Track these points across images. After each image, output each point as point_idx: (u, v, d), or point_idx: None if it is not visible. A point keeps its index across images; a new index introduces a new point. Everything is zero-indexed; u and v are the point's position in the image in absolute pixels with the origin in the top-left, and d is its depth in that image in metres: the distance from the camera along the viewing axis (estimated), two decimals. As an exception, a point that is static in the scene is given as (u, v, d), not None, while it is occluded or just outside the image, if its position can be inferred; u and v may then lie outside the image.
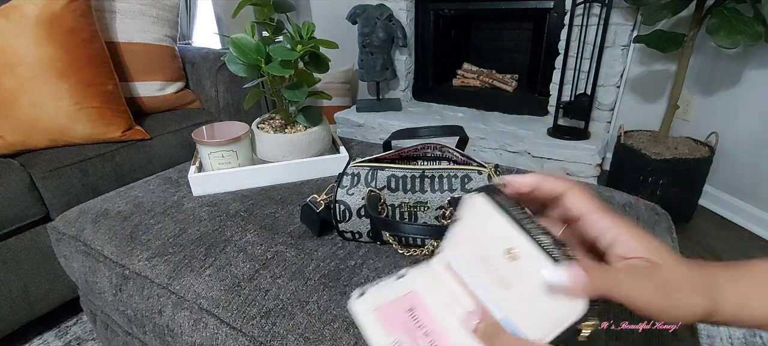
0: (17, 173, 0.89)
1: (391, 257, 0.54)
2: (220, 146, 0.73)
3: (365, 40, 1.79)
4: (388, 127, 1.78)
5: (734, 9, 1.09)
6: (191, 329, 0.48)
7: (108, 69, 1.08)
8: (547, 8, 1.58)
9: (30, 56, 0.93)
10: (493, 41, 2.05)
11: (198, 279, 0.52)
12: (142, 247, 0.59)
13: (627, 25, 1.43)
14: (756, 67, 1.28)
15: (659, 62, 1.49)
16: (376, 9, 1.77)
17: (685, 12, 1.22)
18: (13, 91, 0.93)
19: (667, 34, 1.24)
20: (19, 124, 0.95)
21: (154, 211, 0.67)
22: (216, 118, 1.36)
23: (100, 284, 0.61)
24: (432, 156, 0.62)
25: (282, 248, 0.56)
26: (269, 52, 0.70)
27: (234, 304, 0.48)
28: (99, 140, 1.05)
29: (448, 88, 1.99)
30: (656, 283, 0.23)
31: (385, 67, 1.85)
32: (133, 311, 0.56)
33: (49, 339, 1.01)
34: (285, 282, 0.50)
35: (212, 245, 0.58)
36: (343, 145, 0.84)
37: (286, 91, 0.72)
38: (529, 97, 1.77)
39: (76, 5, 1.00)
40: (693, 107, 1.47)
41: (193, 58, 1.40)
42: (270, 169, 0.75)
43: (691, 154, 1.28)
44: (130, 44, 1.23)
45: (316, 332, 0.43)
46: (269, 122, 0.82)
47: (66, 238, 0.68)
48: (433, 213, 0.53)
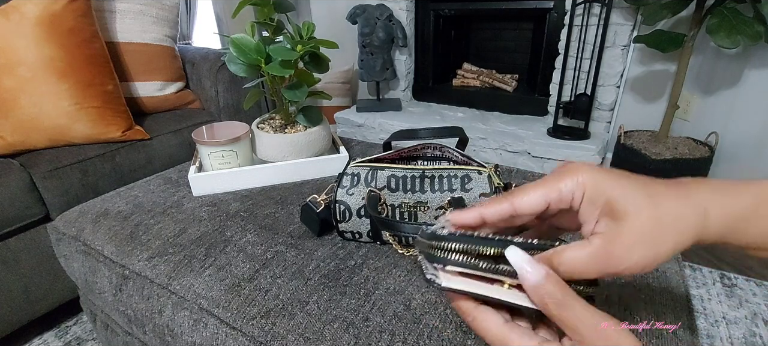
0: (17, 172, 0.89)
1: (391, 257, 0.54)
2: (220, 146, 0.73)
3: (365, 40, 1.79)
4: (388, 127, 1.78)
5: (734, 9, 1.09)
6: (191, 329, 0.48)
7: (108, 69, 1.08)
8: (547, 8, 1.58)
9: (30, 56, 0.93)
10: (493, 41, 2.05)
11: (198, 279, 0.52)
12: (142, 247, 0.59)
13: (627, 25, 1.43)
14: (756, 67, 1.28)
15: (659, 62, 1.49)
16: (376, 9, 1.77)
17: (685, 12, 1.22)
18: (13, 91, 0.93)
19: (667, 34, 1.24)
20: (19, 124, 0.95)
21: (154, 211, 0.67)
22: (216, 118, 1.36)
23: (100, 284, 0.61)
24: (432, 156, 0.62)
25: (282, 248, 0.56)
26: (269, 52, 0.70)
27: (234, 304, 0.48)
28: (99, 140, 1.05)
29: (448, 88, 1.99)
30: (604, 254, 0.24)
31: (385, 67, 1.85)
32: (133, 311, 0.56)
33: (49, 339, 1.01)
34: (285, 282, 0.50)
35: (212, 245, 0.58)
36: (343, 145, 0.84)
37: (286, 91, 0.72)
38: (529, 97, 1.77)
39: (76, 5, 1.00)
40: (693, 107, 1.47)
41: (193, 58, 1.40)
42: (270, 169, 0.75)
43: (691, 154, 1.28)
44: (130, 44, 1.23)
45: (316, 332, 0.43)
46: (269, 122, 0.82)
47: (66, 238, 0.68)
48: (433, 213, 0.53)
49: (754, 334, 0.96)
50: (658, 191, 0.24)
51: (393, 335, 0.42)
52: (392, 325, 0.43)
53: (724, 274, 1.15)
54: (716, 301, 1.06)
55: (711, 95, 1.42)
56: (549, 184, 0.26)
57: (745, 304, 1.04)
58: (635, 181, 0.25)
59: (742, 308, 1.03)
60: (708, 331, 0.97)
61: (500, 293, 0.26)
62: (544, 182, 0.26)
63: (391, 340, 0.42)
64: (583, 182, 0.25)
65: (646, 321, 0.43)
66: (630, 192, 0.24)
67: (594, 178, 0.25)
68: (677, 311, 0.45)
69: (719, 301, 1.06)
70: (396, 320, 0.44)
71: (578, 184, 0.25)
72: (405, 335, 0.42)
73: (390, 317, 0.44)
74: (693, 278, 1.14)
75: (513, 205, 0.26)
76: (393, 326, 0.43)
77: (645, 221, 0.23)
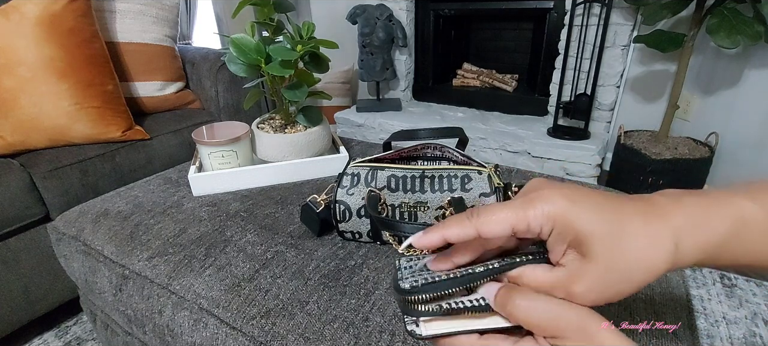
0: (17, 172, 0.89)
1: (391, 257, 0.54)
2: (220, 146, 0.73)
3: (365, 40, 1.79)
4: (388, 127, 1.78)
5: (734, 9, 1.09)
6: (191, 329, 0.48)
7: (108, 69, 1.08)
8: (547, 8, 1.58)
9: (30, 56, 0.93)
10: (493, 41, 2.05)
11: (198, 279, 0.52)
12: (142, 247, 0.59)
13: (627, 25, 1.43)
14: (756, 67, 1.28)
15: (659, 62, 1.49)
16: (376, 9, 1.77)
17: (685, 12, 1.22)
18: (13, 91, 0.93)
19: (667, 34, 1.24)
20: (19, 124, 0.95)
21: (154, 211, 0.67)
22: (216, 118, 1.36)
23: (100, 284, 0.61)
24: (432, 156, 0.62)
25: (282, 248, 0.56)
26: (269, 52, 0.70)
27: (234, 304, 0.48)
28: (99, 140, 1.05)
29: (448, 88, 1.99)
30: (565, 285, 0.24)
31: (385, 67, 1.85)
32: (133, 311, 0.56)
33: (49, 339, 1.01)
34: (285, 282, 0.50)
35: (212, 245, 0.58)
36: (343, 145, 0.84)
37: (286, 91, 0.72)
38: (529, 97, 1.77)
39: (76, 5, 1.00)
40: (693, 107, 1.47)
41: (193, 58, 1.40)
42: (270, 169, 0.75)
43: (691, 154, 1.28)
44: (130, 44, 1.23)
45: (316, 332, 0.43)
46: (269, 122, 0.82)
47: (66, 238, 0.68)
48: (433, 213, 0.53)
49: (754, 334, 0.96)
50: (630, 223, 0.23)
51: (393, 335, 0.42)
52: (392, 325, 0.43)
53: (724, 274, 1.15)
54: (716, 301, 1.06)
55: (711, 95, 1.42)
56: (517, 210, 0.25)
57: (745, 304, 1.04)
58: (608, 213, 0.24)
59: (742, 308, 1.03)
60: (708, 331, 0.97)
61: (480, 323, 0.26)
62: (511, 205, 0.25)
63: (391, 340, 0.42)
64: (552, 216, 0.24)
65: (646, 321, 0.43)
66: (599, 230, 0.23)
67: (563, 211, 0.24)
68: (677, 311, 0.45)
69: (719, 301, 1.06)
70: (396, 320, 0.44)
71: (547, 217, 0.24)
72: (405, 335, 0.42)
73: (390, 317, 0.44)
74: (693, 278, 1.14)
75: (476, 229, 0.25)
76: (393, 326, 0.43)
77: (611, 265, 0.23)
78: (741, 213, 0.23)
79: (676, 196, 0.25)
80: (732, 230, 0.23)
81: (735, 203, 0.24)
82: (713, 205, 0.24)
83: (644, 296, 0.46)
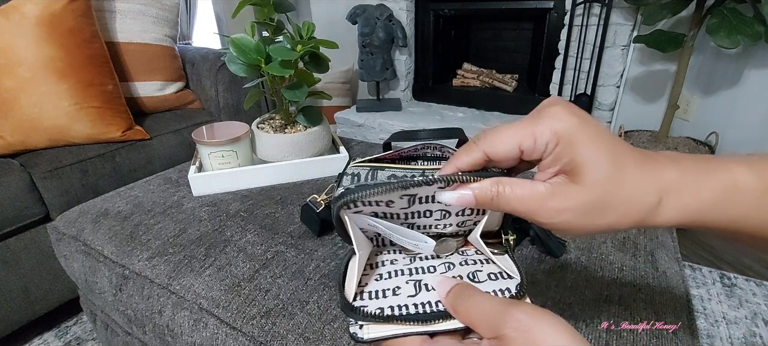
0: (17, 172, 0.89)
1: (391, 257, 0.54)
2: (220, 146, 0.73)
3: (365, 40, 1.79)
4: (388, 127, 1.78)
5: (734, 9, 1.09)
6: (191, 329, 0.48)
7: (108, 69, 1.08)
8: (547, 8, 1.58)
9: (30, 56, 0.93)
10: (493, 41, 2.05)
11: (198, 279, 0.52)
12: (142, 247, 0.59)
13: (627, 25, 1.43)
14: (756, 67, 1.28)
15: (659, 62, 1.49)
16: (376, 9, 1.77)
17: (685, 12, 1.22)
18: (13, 91, 0.93)
19: (667, 34, 1.24)
20: (19, 124, 0.95)
21: (154, 211, 0.67)
22: (216, 118, 1.36)
23: (100, 284, 0.61)
24: (432, 156, 0.62)
25: (282, 248, 0.56)
26: (269, 52, 0.70)
27: (234, 304, 0.48)
28: (99, 140, 1.05)
29: (448, 88, 1.99)
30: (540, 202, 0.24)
31: (385, 67, 1.85)
32: (133, 311, 0.56)
33: (49, 339, 1.01)
34: (285, 282, 0.50)
35: (212, 245, 0.58)
36: (343, 145, 0.84)
37: (286, 91, 0.72)
38: (529, 98, 1.77)
39: (76, 5, 1.00)
40: (693, 107, 1.47)
41: (193, 58, 1.40)
42: (270, 169, 0.75)
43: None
44: (130, 44, 1.23)
45: (316, 332, 0.43)
46: (269, 122, 0.82)
47: (66, 238, 0.68)
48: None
49: (754, 334, 0.96)
50: (625, 166, 0.23)
51: (393, 335, 0.42)
52: (392, 325, 0.43)
53: (724, 274, 1.15)
54: (716, 301, 1.06)
55: (711, 95, 1.42)
56: (525, 127, 0.24)
57: (745, 304, 1.04)
58: (610, 147, 0.23)
59: (742, 308, 1.03)
60: (708, 331, 0.97)
61: (422, 327, 0.25)
62: (518, 123, 0.25)
63: (391, 340, 0.42)
64: (559, 134, 0.24)
65: (646, 321, 0.43)
66: (597, 159, 0.23)
67: (570, 131, 0.23)
68: (677, 311, 0.45)
69: (719, 301, 1.06)
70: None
71: (554, 133, 0.24)
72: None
73: (390, 317, 0.44)
74: (693, 278, 1.14)
75: (485, 154, 0.25)
76: (393, 326, 0.43)
77: (596, 197, 0.23)
78: (734, 179, 0.23)
79: (676, 156, 0.25)
80: (722, 195, 0.23)
81: (730, 168, 0.24)
82: (708, 169, 0.24)
83: (644, 296, 0.46)
